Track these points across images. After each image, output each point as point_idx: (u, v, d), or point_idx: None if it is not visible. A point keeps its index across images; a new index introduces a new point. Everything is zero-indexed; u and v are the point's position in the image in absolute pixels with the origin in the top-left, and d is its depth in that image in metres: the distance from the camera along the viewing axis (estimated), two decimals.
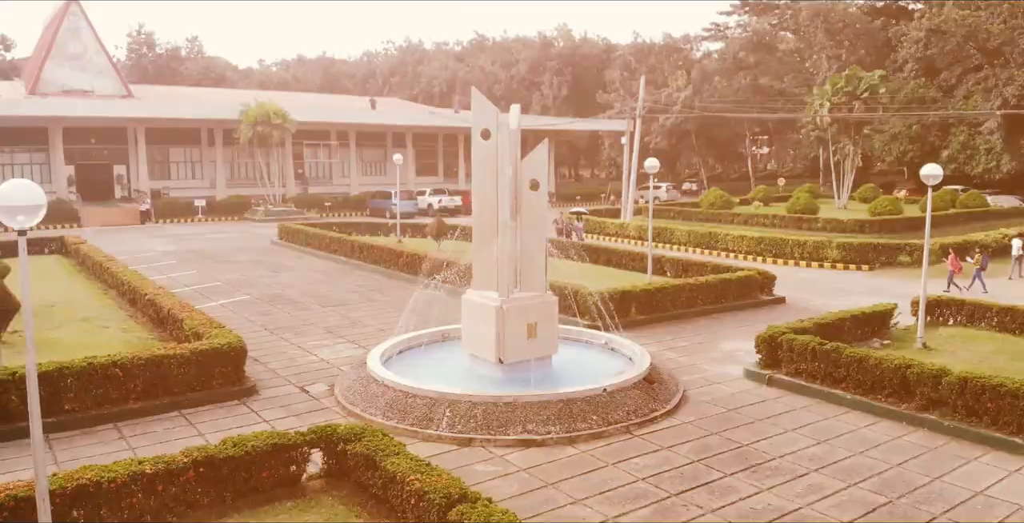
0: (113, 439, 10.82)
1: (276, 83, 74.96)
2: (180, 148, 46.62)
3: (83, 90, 44.29)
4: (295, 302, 20.30)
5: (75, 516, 7.54)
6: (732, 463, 9.98)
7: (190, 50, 76.63)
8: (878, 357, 12.01)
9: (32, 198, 6.25)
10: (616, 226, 34.06)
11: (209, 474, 8.08)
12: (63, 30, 44.33)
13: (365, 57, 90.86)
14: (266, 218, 40.17)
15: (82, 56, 44.73)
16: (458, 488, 7.28)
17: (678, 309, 18.27)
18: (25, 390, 10.65)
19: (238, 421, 11.54)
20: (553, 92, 73.07)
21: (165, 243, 32.75)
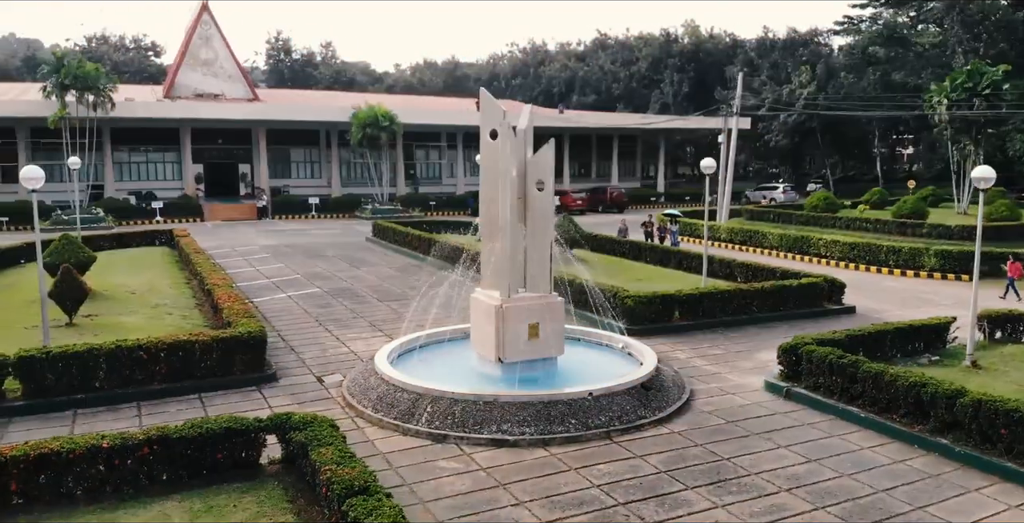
0: (130, 417, 11.74)
1: (402, 87, 77.75)
2: (300, 149, 49.36)
3: (213, 94, 47.77)
4: (357, 296, 21.12)
5: (41, 480, 8.31)
6: (700, 476, 9.58)
7: (324, 55, 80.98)
8: (894, 374, 11.12)
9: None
10: None
11: (164, 452, 8.67)
12: (196, 37, 48.02)
13: (491, 60, 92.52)
14: (372, 216, 41.78)
15: (213, 62, 48.27)
16: (362, 481, 7.44)
17: (728, 316, 17.55)
18: (59, 368, 11.85)
19: (247, 406, 12.22)
20: (674, 90, 71.51)
21: (270, 238, 34.81)
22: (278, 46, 76.68)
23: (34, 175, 12.95)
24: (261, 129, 45.20)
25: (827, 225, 34.47)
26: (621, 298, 16.85)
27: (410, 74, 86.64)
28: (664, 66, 72.80)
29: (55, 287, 16.09)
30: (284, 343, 16.25)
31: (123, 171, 45.08)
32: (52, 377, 11.99)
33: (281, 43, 76.77)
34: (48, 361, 11.94)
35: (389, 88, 77.91)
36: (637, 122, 53.23)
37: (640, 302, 16.67)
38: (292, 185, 48.03)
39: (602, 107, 72.22)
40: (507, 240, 12.38)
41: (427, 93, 72.55)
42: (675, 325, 17.02)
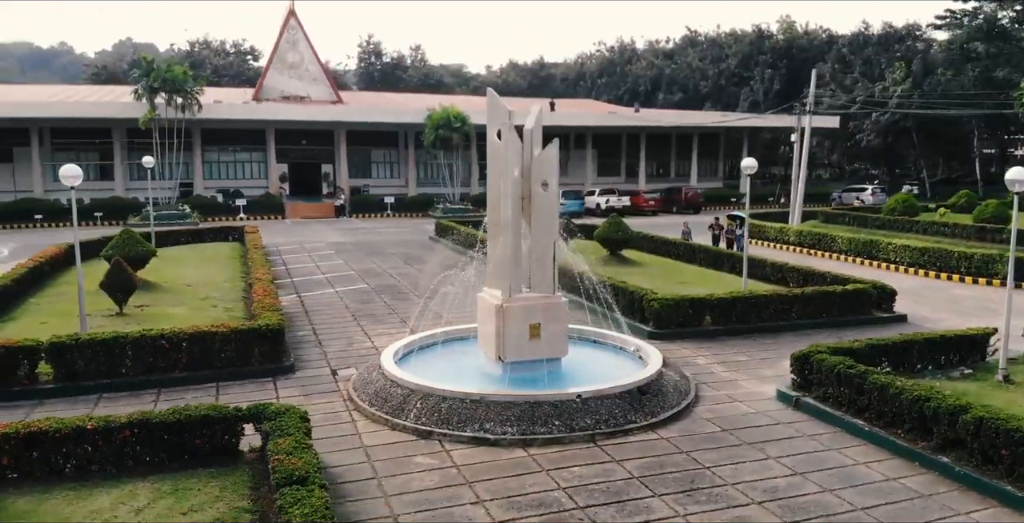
0: (148, 402, 12.39)
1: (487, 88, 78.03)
2: (380, 149, 50.66)
3: (299, 96, 49.60)
4: (400, 293, 21.54)
5: (34, 456, 8.92)
6: (672, 484, 9.35)
7: (414, 58, 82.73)
8: (899, 386, 10.51)
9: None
10: (775, 231, 31.90)
11: (144, 435, 9.15)
12: (283, 42, 49.95)
13: (579, 60, 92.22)
14: (442, 215, 42.41)
15: (299, 65, 50.11)
16: (304, 472, 7.66)
17: (764, 321, 16.96)
18: (88, 354, 12.64)
19: (257, 396, 12.66)
20: (764, 87, 69.34)
21: (339, 235, 35.89)
22: (369, 50, 78.94)
23: (72, 173, 13.87)
24: (342, 130, 46.65)
25: (904, 229, 32.71)
26: (647, 301, 16.57)
27: (495, 76, 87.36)
28: (755, 63, 70.69)
29: (106, 279, 17.17)
30: (314, 337, 16.80)
31: (212, 170, 47.43)
32: (81, 362, 12.82)
33: (372, 47, 79.04)
34: (77, 347, 12.77)
35: (475, 90, 78.76)
36: (711, 120, 51.97)
37: (666, 305, 16.33)
38: (372, 185, 49.36)
39: (689, 105, 70.81)
40: (508, 239, 12.41)
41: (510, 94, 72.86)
42: (705, 330, 16.59)
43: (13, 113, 39.99)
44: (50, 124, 42.69)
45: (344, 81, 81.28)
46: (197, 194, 44.37)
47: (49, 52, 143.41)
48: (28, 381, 12.62)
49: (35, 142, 41.88)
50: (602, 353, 14.24)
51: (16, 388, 12.46)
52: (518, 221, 12.46)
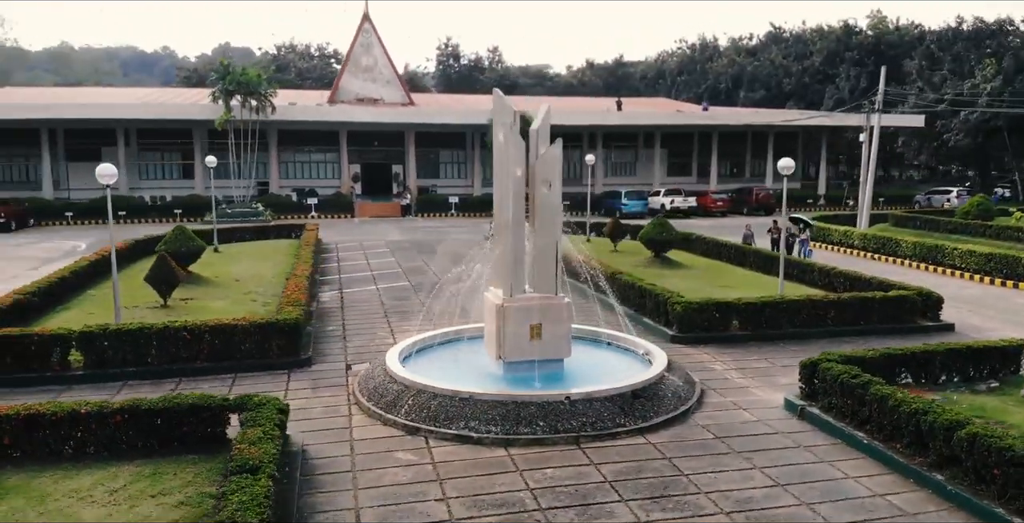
0: (167, 389, 12.94)
1: (562, 88, 78.45)
2: (448, 150, 51.38)
3: (372, 99, 50.78)
4: (452, 295, 21.79)
5: (36, 437, 9.53)
6: (643, 490, 9.18)
7: (491, 60, 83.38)
8: (899, 398, 9.99)
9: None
10: (839, 234, 30.67)
11: (134, 421, 9.62)
12: (357, 46, 51.21)
13: (659, 58, 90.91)
14: None
15: (373, 68, 51.28)
16: (257, 461, 7.91)
17: (796, 327, 16.38)
18: (115, 343, 13.35)
19: (268, 387, 13.10)
20: (850, 85, 66.65)
21: (400, 233, 36.59)
22: (447, 52, 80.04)
23: (107, 172, 14.68)
24: (411, 132, 47.52)
25: (976, 233, 30.89)
26: (671, 304, 16.27)
27: (571, 76, 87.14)
28: (840, 60, 68.05)
29: (151, 272, 18.08)
30: (341, 331, 17.25)
31: (288, 169, 49.13)
32: (109, 351, 13.58)
33: (450, 49, 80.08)
34: (105, 337, 13.53)
35: (550, 90, 78.89)
36: (779, 119, 50.31)
37: (690, 309, 15.99)
38: (440, 185, 50.08)
39: (771, 104, 68.81)
40: (509, 239, 12.44)
41: (585, 93, 72.72)
42: (732, 335, 16.16)
43: (100, 114, 42.55)
44: (136, 125, 45.15)
45: (422, 83, 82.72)
46: (272, 193, 46.06)
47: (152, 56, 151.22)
48: (60, 367, 13.45)
49: (121, 142, 44.36)
50: (611, 355, 14.08)
51: (48, 374, 13.30)
52: (519, 221, 12.48)
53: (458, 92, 75.57)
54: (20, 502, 8.33)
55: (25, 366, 13.26)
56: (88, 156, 46.61)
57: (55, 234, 37.00)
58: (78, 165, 46.21)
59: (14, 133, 43.87)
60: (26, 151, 45.14)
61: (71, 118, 43.05)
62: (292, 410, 11.84)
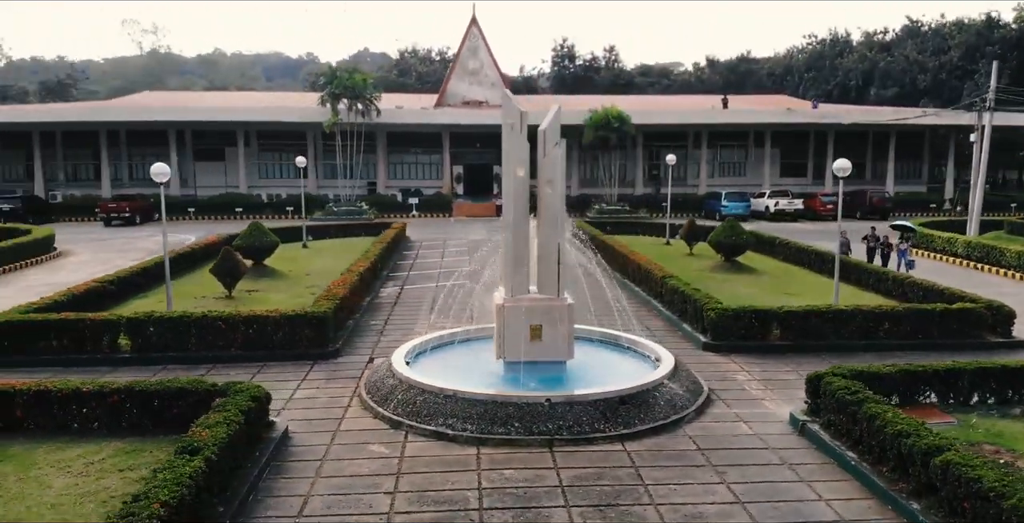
0: (198, 374, 13.85)
1: (679, 86, 76.64)
2: None
3: (478, 101, 51.68)
4: (493, 289, 22.00)
5: (45, 411, 10.46)
6: (593, 497, 9.00)
7: (608, 59, 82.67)
8: (886, 419, 9.25)
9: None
10: (943, 241, 28.39)
11: (129, 401, 10.39)
12: (465, 49, 52.25)
13: (788, 54, 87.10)
14: (597, 216, 42.38)
15: (479, 71, 52.17)
16: (201, 444, 8.36)
17: (843, 339, 15.40)
18: (159, 330, 14.39)
19: (288, 376, 13.77)
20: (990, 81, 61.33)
21: (487, 232, 36.82)
22: (563, 53, 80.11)
23: (161, 171, 15.83)
24: None
25: None
26: (706, 309, 15.71)
27: (690, 74, 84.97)
28: (980, 55, 62.77)
29: (216, 265, 19.32)
30: (382, 326, 17.78)
31: (396, 170, 50.86)
32: (154, 337, 14.67)
33: (566, 50, 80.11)
34: (150, 323, 14.62)
35: (666, 88, 77.35)
36: (887, 118, 46.95)
37: (725, 315, 15.38)
38: None
39: (904, 101, 64.32)
40: (509, 239, 12.47)
41: (704, 91, 70.70)
42: (771, 344, 15.41)
43: (221, 117, 45.68)
44: (255, 128, 48.09)
45: (536, 85, 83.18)
46: (379, 193, 47.86)
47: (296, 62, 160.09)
48: (109, 350, 14.65)
49: (241, 143, 47.37)
50: (621, 359, 13.79)
51: (99, 355, 14.51)
52: (520, 221, 12.49)
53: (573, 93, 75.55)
54: (9, 468, 9.22)
55: (80, 348, 14.54)
56: (213, 156, 50.27)
57: (173, 228, 39.97)
58: (204, 164, 49.88)
59: (147, 134, 47.86)
60: (158, 150, 48.97)
61: (195, 120, 46.49)
62: (295, 399, 12.60)
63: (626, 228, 35.65)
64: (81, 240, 34.39)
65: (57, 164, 49.91)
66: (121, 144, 49.89)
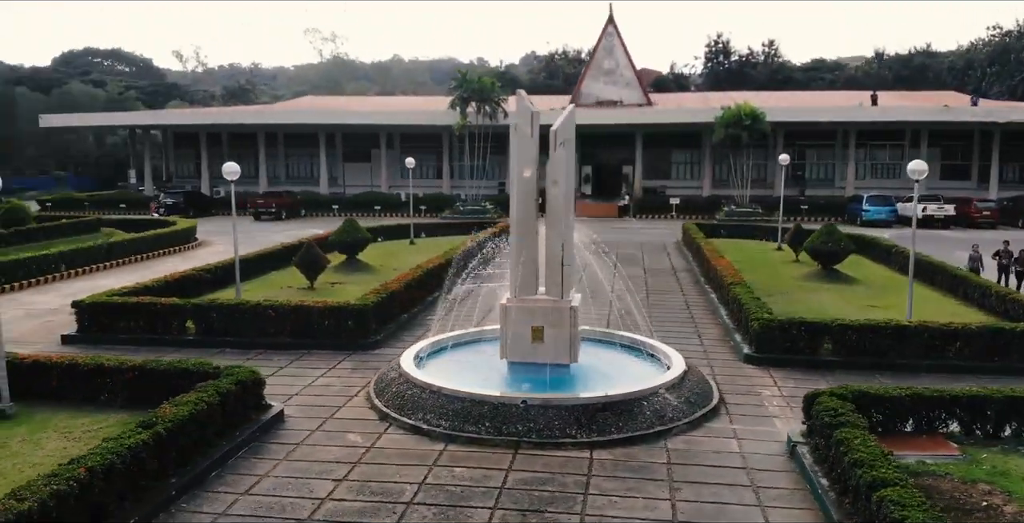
0: (244, 359, 14.90)
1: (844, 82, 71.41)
2: (682, 151, 50.17)
3: (612, 101, 51.24)
4: None
5: (76, 383, 11.68)
6: (525, 502, 8.88)
7: (767, 54, 78.74)
8: (850, 446, 8.40)
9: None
10: None
11: (143, 378, 11.41)
12: (600, 49, 51.88)
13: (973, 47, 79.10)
14: (726, 218, 40.73)
15: (614, 71, 51.63)
16: (157, 420, 9.08)
17: (905, 358, 14.04)
18: (220, 316, 15.64)
19: (321, 364, 14.50)
20: None
21: (594, 233, 35.97)
22: (717, 49, 77.33)
23: (232, 170, 17.12)
24: (639, 133, 47.26)
25: None
26: (751, 319, 14.86)
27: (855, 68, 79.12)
28: None
29: (299, 258, 20.60)
30: (435, 322, 18.21)
31: None
32: (216, 322, 15.95)
33: (720, 46, 77.25)
34: (212, 309, 15.92)
35: (830, 84, 72.44)
36: None
37: (769, 326, 14.48)
38: (669, 186, 49.12)
39: None
40: (515, 239, 12.46)
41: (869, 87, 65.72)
42: (820, 359, 14.33)
43: (364, 121, 48.27)
44: (398, 130, 50.41)
45: (688, 82, 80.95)
46: (506, 192, 48.71)
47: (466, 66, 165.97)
48: (178, 332, 16.07)
49: (383, 145, 49.84)
50: (635, 365, 13.32)
51: (168, 337, 15.95)
52: (524, 221, 12.44)
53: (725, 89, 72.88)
54: (23, 430, 10.47)
55: (153, 329, 16.08)
56: (360, 158, 53.27)
57: (314, 224, 42.71)
58: (352, 165, 53.00)
59: (302, 136, 51.58)
60: (311, 151, 52.61)
61: (343, 124, 49.47)
62: (313, 385, 13.29)
63: (747, 232, 34.07)
64: (226, 232, 37.55)
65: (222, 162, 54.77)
66: (279, 145, 54.07)
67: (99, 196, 51.45)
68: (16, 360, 11.69)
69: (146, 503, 8.51)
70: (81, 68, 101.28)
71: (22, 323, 18.00)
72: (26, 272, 22.69)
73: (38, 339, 16.40)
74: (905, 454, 9.38)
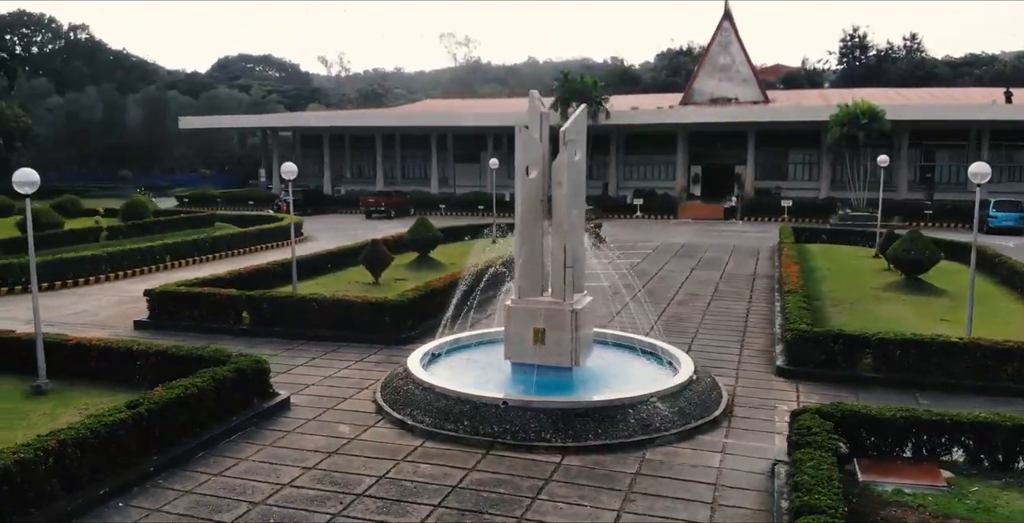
0: (287, 347, 15.69)
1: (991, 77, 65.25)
2: (799, 150, 47.77)
3: (726, 98, 49.57)
4: (615, 295, 21.50)
5: (112, 364, 12.75)
6: (470, 502, 8.91)
7: (909, 49, 73.22)
8: (800, 469, 7.86)
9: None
10: None
11: (165, 362, 12.25)
12: (715, 45, 50.23)
13: None
14: (839, 223, 38.50)
15: (729, 67, 49.88)
16: (145, 400, 9.81)
17: (953, 378, 12.86)
18: (274, 308, 16.55)
19: (350, 357, 15.00)
20: None
21: (685, 236, 35.53)
22: (852, 43, 72.77)
23: (289, 170, 18.02)
24: (752, 132, 45.49)
25: None
26: (785, 330, 14.09)
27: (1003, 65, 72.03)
28: None
29: (364, 255, 21.41)
30: (481, 319, 18.39)
31: (631, 171, 50.82)
32: (267, 313, 16.87)
33: (856, 40, 72.65)
34: (264, 301, 16.87)
35: (977, 80, 66.60)
36: None
37: (802, 338, 13.68)
38: (785, 187, 46.95)
39: None
40: (517, 240, 12.43)
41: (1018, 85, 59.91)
42: (858, 376, 13.39)
43: (471, 123, 49.26)
44: (506, 132, 50.97)
45: (820, 78, 76.85)
46: (609, 194, 48.27)
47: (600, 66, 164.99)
48: (234, 322, 17.10)
49: (491, 146, 50.62)
50: (644, 372, 12.92)
51: (225, 326, 16.99)
52: (527, 222, 12.38)
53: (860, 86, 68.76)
54: (49, 406, 11.53)
55: (212, 317, 17.20)
56: (470, 158, 54.33)
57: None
58: (462, 166, 54.24)
59: (417, 138, 53.33)
60: (424, 153, 54.21)
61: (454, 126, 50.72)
62: (332, 377, 13.84)
63: (853, 237, 32.06)
64: (332, 229, 39.41)
65: (344, 162, 57.59)
66: (395, 146, 56.11)
67: (230, 193, 55.28)
68: (61, 342, 12.91)
69: (123, 477, 9.20)
70: (234, 73, 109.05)
71: (111, 309, 19.72)
72: (131, 262, 24.82)
73: (116, 323, 17.96)
74: (886, 481, 8.67)
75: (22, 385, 12.24)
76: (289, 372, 14.01)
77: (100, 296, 21.60)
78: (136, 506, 8.83)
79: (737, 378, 13.62)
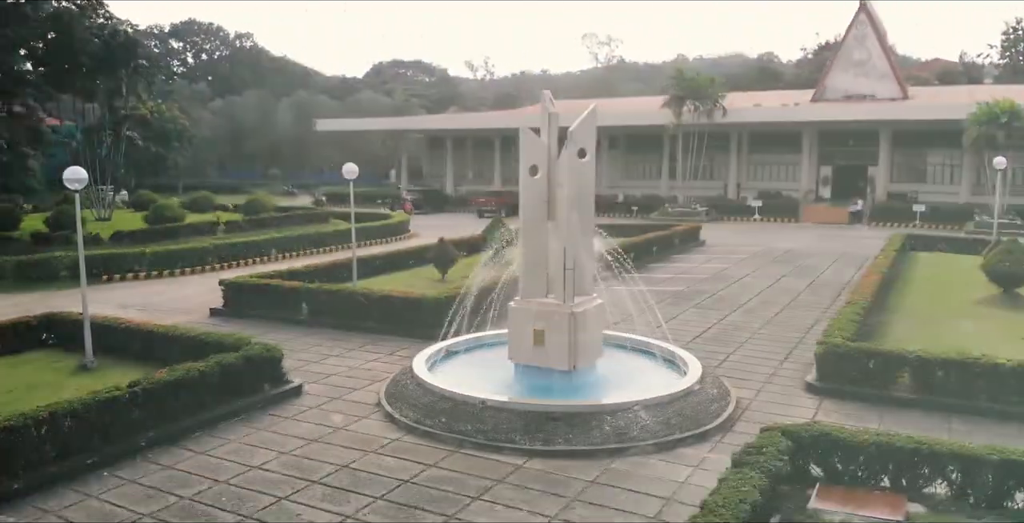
0: (333, 337, 16.43)
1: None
2: (940, 151, 43.92)
3: (863, 95, 46.43)
4: (681, 299, 20.81)
5: (142, 345, 13.92)
6: (414, 497, 9.06)
7: None
8: (724, 488, 7.41)
9: None
10: None
11: (191, 346, 13.19)
12: (850, 39, 47.07)
13: None
14: (974, 231, 35.24)
15: (865, 62, 46.59)
16: (142, 381, 10.66)
17: (994, 402, 11.57)
18: (327, 301, 17.47)
19: (382, 350, 15.45)
20: None
21: (795, 242, 33.49)
22: (1016, 36, 65.68)
23: (350, 170, 18.81)
24: (887, 130, 42.42)
25: None
26: (818, 343, 13.19)
27: None
28: None
29: (432, 253, 21.99)
30: None
31: (755, 171, 48.72)
32: (324, 305, 17.72)
33: (1020, 33, 65.54)
34: (321, 293, 17.76)
35: None
36: None
37: (833, 353, 12.75)
38: (923, 191, 43.43)
39: None
40: (520, 240, 12.40)
41: None
42: (893, 396, 12.29)
43: None
44: (622, 131, 50.36)
45: (980, 74, 70.22)
46: (728, 196, 46.57)
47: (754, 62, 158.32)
48: (294, 312, 18.06)
49: (606, 145, 50.11)
50: (651, 379, 12.49)
51: (285, 315, 17.94)
52: (531, 222, 12.31)
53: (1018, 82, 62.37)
54: (88, 381, 12.61)
55: (276, 307, 18.27)
56: None
57: None
58: None
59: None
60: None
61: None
62: (355, 368, 14.43)
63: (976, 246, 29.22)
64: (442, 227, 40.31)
65: (467, 163, 58.99)
66: (512, 148, 56.84)
67: (363, 191, 58.13)
68: (114, 324, 14.23)
69: (115, 448, 10.08)
70: (384, 78, 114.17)
71: (201, 296, 21.28)
72: (235, 254, 26.76)
73: (196, 310, 19.45)
74: (839, 510, 7.99)
75: (73, 363, 13.61)
76: (321, 362, 14.70)
77: (198, 285, 23.43)
78: (116, 476, 9.64)
79: (759, 392, 12.90)
